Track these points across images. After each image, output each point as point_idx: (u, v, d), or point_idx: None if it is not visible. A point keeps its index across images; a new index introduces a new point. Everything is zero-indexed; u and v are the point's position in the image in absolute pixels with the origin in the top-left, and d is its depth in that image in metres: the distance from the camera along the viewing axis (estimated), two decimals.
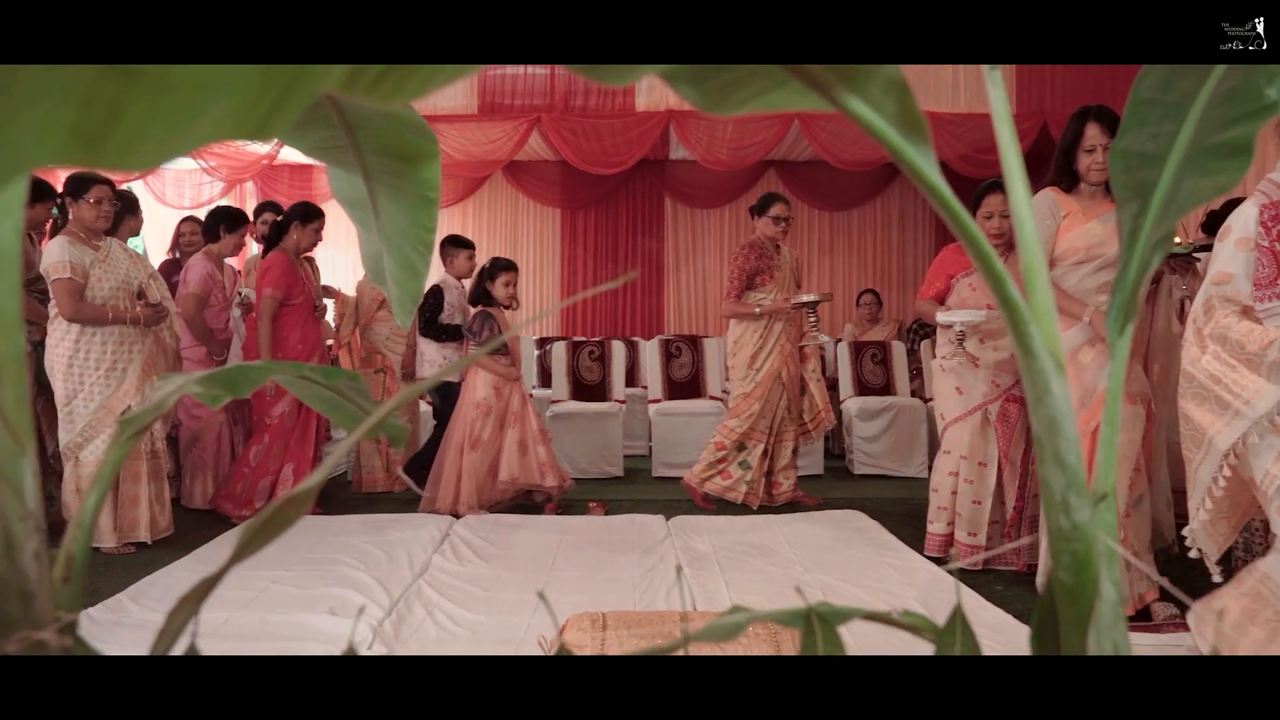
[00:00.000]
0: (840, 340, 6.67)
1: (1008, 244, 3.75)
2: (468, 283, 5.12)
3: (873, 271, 9.12)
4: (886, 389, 6.14)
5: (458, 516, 4.44)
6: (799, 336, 4.83)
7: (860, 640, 2.65)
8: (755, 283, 4.77)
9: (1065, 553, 0.72)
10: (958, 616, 0.76)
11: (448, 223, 9.05)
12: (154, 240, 7.87)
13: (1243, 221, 2.36)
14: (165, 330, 4.05)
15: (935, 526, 3.73)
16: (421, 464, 4.89)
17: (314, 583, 3.21)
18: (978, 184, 6.45)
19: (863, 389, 6.14)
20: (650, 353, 6.17)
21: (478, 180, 8.71)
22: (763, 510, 4.65)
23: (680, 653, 0.73)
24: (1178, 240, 3.20)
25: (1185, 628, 2.99)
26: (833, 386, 6.19)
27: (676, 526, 4.19)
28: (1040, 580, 3.34)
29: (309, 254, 4.90)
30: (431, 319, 5.06)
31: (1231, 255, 2.37)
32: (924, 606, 3.12)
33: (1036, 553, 3.44)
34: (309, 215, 4.72)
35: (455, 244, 5.29)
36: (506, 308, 4.81)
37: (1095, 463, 0.78)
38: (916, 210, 9.15)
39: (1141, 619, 3.15)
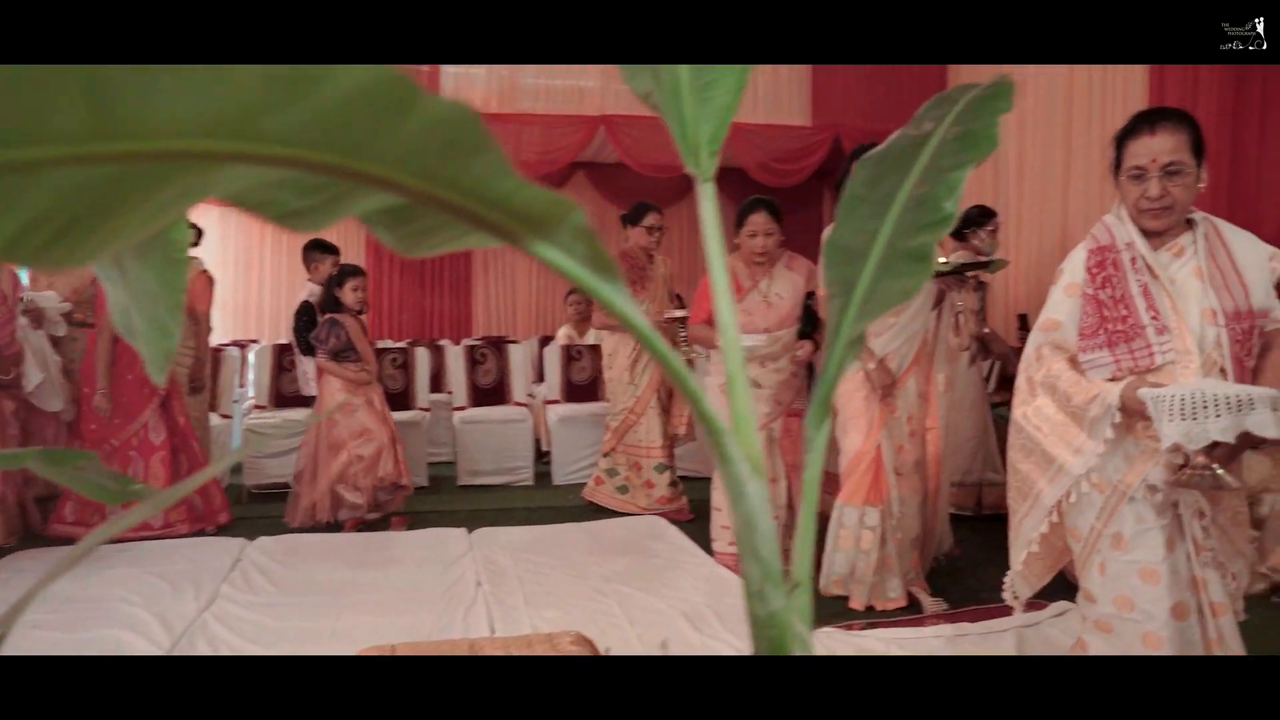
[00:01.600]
0: None
1: (770, 260, 3.86)
2: None
3: (677, 273, 9.34)
4: None
5: (332, 524, 4.48)
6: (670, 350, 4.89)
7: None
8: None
9: (763, 639, 0.79)
10: None
11: (245, 223, 8.63)
12: None
13: (1073, 266, 2.25)
14: None
15: (719, 545, 3.86)
16: None
17: (83, 623, 3.00)
18: (775, 191, 6.76)
19: None
20: (455, 359, 6.11)
21: None
22: (568, 518, 4.71)
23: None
24: (943, 259, 3.44)
25: (949, 619, 3.26)
26: None
27: (479, 539, 4.18)
28: (822, 582, 3.54)
29: None
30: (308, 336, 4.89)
31: (1060, 301, 2.25)
32: (714, 610, 3.25)
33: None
34: None
35: (319, 249, 5.17)
36: (359, 313, 4.72)
37: (794, 551, 0.85)
38: (722, 214, 9.43)
39: (913, 609, 3.42)
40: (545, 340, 7.50)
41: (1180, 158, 2.04)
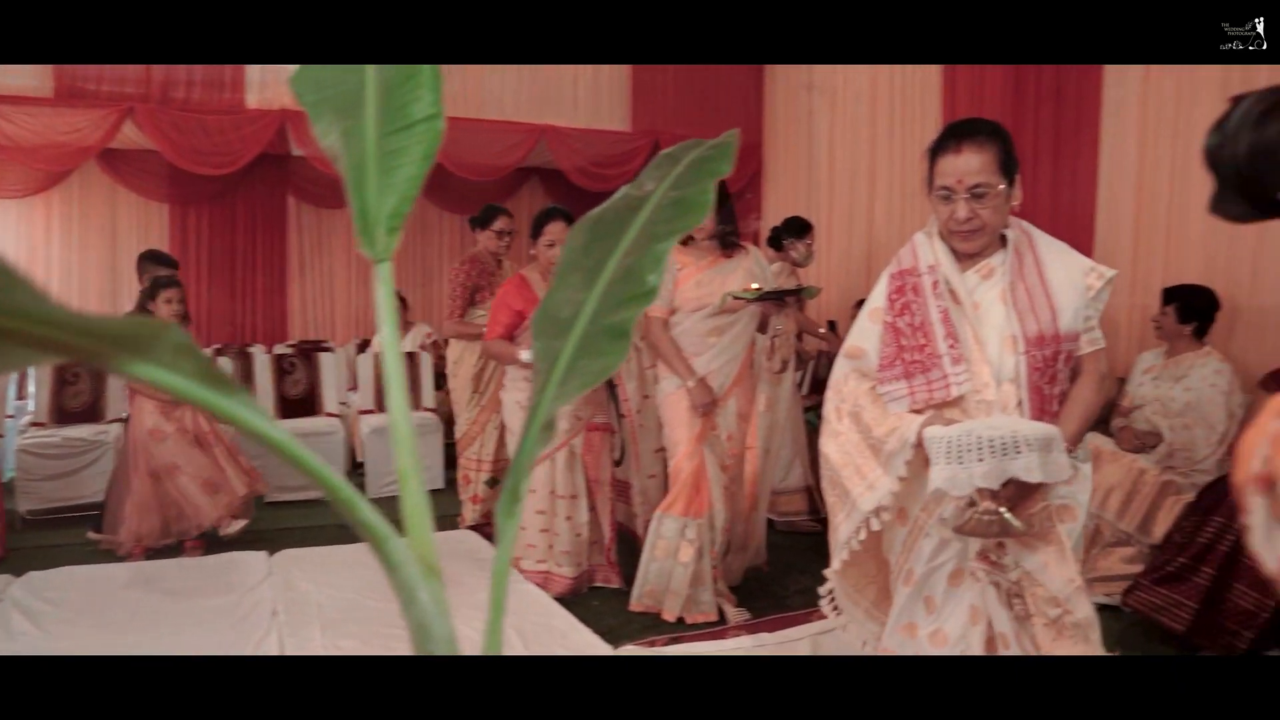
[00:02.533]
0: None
1: None
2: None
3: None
4: None
5: (134, 555, 4.18)
6: None
7: None
8: (476, 299, 4.56)
9: None
10: None
11: (27, 216, 7.95)
12: None
13: (879, 290, 2.16)
14: None
15: (526, 563, 3.81)
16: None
17: None
18: (594, 195, 6.76)
19: None
20: (261, 369, 5.81)
21: (64, 170, 7.71)
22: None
23: None
24: (755, 285, 3.49)
25: (749, 630, 3.34)
26: None
27: (280, 563, 3.97)
28: (635, 594, 3.54)
29: None
30: None
31: (865, 327, 2.16)
32: (518, 632, 3.21)
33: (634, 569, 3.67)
34: None
35: (155, 261, 4.79)
36: None
37: (484, 641, 0.81)
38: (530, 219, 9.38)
39: (724, 622, 3.48)
40: (365, 344, 7.26)
41: (986, 179, 1.94)
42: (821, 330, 5.10)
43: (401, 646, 3.13)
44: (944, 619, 2.03)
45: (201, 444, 4.40)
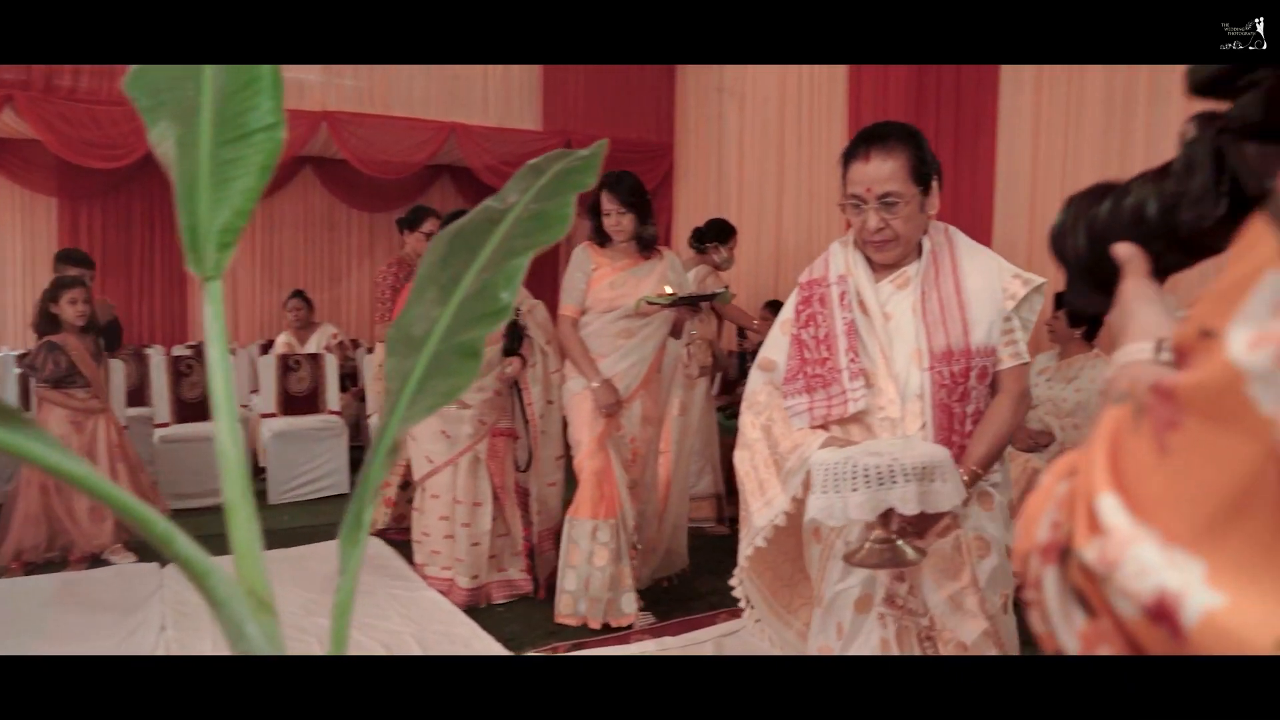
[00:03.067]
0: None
1: None
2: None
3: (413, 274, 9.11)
4: None
5: (13, 570, 4.01)
6: None
7: None
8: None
9: None
10: None
11: None
12: None
13: (790, 301, 2.10)
14: None
15: (431, 570, 3.71)
16: None
17: None
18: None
19: None
20: (157, 371, 5.59)
21: None
22: (282, 541, 4.42)
23: None
24: (669, 290, 3.47)
25: (653, 634, 3.33)
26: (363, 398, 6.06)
27: (172, 575, 3.83)
28: (556, 605, 3.46)
29: None
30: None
31: (777, 339, 2.09)
32: (418, 640, 3.16)
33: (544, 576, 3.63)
34: None
35: (66, 260, 4.65)
36: (85, 330, 4.20)
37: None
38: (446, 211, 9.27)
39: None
40: (267, 346, 7.07)
41: (895, 188, 1.84)
42: (756, 321, 5.10)
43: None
44: (855, 650, 1.93)
45: (110, 461, 4.22)
